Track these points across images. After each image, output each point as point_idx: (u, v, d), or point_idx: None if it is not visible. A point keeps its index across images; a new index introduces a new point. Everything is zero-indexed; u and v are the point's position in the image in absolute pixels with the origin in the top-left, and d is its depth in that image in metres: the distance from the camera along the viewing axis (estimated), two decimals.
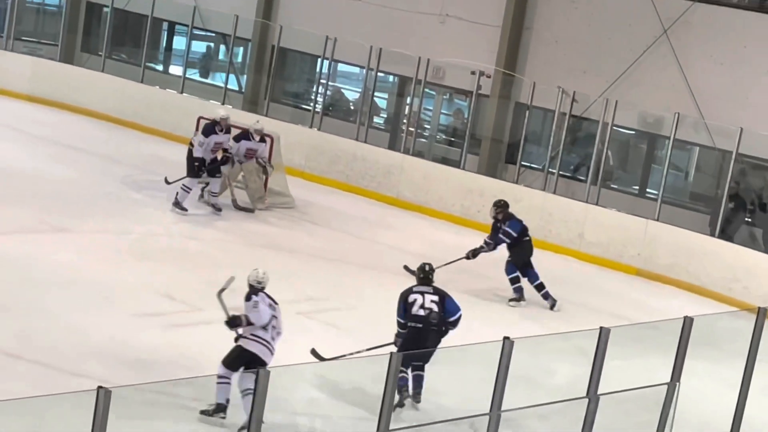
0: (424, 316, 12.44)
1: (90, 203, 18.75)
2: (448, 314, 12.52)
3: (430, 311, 12.44)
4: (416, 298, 12.63)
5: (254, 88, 26.87)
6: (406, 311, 12.57)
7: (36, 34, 30.56)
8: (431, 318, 12.42)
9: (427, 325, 12.43)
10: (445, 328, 12.47)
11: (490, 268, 18.95)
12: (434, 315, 12.44)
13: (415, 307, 12.55)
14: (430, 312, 12.44)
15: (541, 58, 22.98)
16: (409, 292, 12.74)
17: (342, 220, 20.67)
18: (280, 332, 11.72)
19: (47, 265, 15.08)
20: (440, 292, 12.70)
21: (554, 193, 21.23)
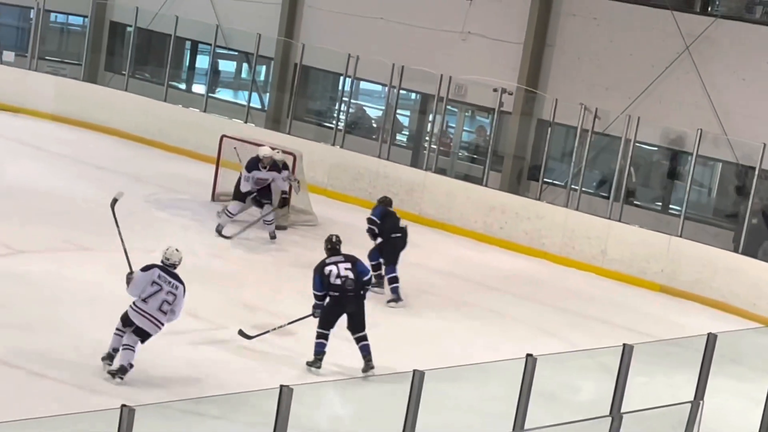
0: (341, 284, 13.58)
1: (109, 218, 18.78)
2: (362, 275, 13.77)
3: (345, 278, 13.59)
4: (331, 269, 13.73)
5: (277, 106, 26.93)
6: (322, 283, 13.71)
7: (60, 54, 30.70)
8: (347, 285, 13.56)
9: (344, 292, 13.58)
10: (363, 292, 13.69)
11: (515, 285, 18.95)
12: (350, 282, 13.59)
13: (332, 278, 13.66)
14: (345, 279, 13.58)
15: (563, 74, 22.97)
16: (323, 265, 13.83)
17: (364, 237, 20.63)
18: (174, 312, 12.49)
19: (71, 284, 15.14)
20: (351, 259, 13.93)
21: (577, 210, 21.19)
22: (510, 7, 23.56)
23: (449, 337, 15.59)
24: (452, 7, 24.23)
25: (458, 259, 20.14)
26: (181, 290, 12.52)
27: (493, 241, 21.41)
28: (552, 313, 17.69)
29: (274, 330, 14.13)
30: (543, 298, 18.47)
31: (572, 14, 22.88)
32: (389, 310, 16.49)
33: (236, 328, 14.37)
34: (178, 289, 12.50)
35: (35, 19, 28.17)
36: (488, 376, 11.31)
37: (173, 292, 12.47)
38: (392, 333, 15.38)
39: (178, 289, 12.50)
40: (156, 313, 12.39)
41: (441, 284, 18.33)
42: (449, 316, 16.68)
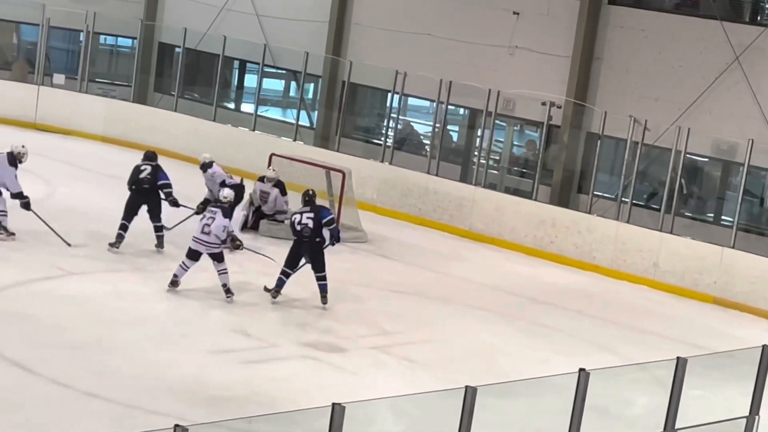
0: (300, 231, 16.20)
1: (166, 241, 18.89)
2: (323, 218, 16.23)
3: (304, 226, 16.13)
4: (296, 217, 16.33)
5: (325, 124, 27.00)
6: (291, 225, 16.44)
7: (109, 76, 30.94)
8: (304, 232, 16.14)
9: (301, 238, 16.22)
10: (319, 239, 16.17)
11: (566, 300, 18.88)
12: (306, 229, 16.14)
13: (295, 225, 16.27)
14: (304, 227, 16.13)
15: (611, 87, 22.88)
16: (293, 214, 16.60)
17: (415, 253, 20.67)
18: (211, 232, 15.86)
19: (124, 304, 15.21)
20: (315, 208, 16.41)
21: (627, 223, 21.08)
22: (557, 20, 23.50)
23: (501, 353, 15.54)
24: (499, 21, 24.21)
25: (509, 274, 20.08)
26: (219, 214, 15.94)
27: (543, 255, 21.33)
28: (604, 326, 17.59)
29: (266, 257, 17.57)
30: (595, 311, 18.38)
31: (620, 27, 22.78)
32: (441, 326, 16.46)
33: (288, 347, 14.40)
34: (216, 214, 15.95)
35: (85, 42, 28.41)
36: (541, 391, 11.24)
37: (213, 216, 15.94)
38: (444, 349, 15.35)
39: (217, 214, 15.94)
40: (200, 235, 15.94)
41: (492, 299, 18.28)
42: (501, 331, 16.62)
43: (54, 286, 15.64)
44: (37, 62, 28.27)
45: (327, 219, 16.28)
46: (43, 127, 27.04)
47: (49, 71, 28.64)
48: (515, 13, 24.03)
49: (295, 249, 16.32)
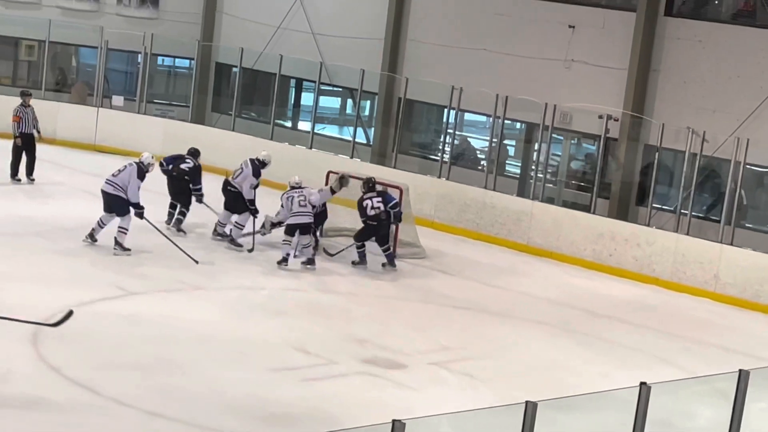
0: (376, 215, 19.10)
1: (225, 260, 19.02)
2: (389, 201, 19.27)
3: (378, 210, 19.12)
4: (368, 203, 19.25)
5: (382, 141, 27.06)
6: (363, 214, 19.19)
7: (167, 97, 31.21)
8: (381, 215, 19.10)
9: (378, 220, 19.12)
10: (392, 218, 19.24)
11: (626, 313, 18.78)
12: (381, 213, 19.13)
13: (368, 210, 19.17)
14: (378, 211, 19.09)
15: (669, 99, 22.77)
16: (362, 200, 19.32)
17: (473, 268, 20.65)
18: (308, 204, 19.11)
19: (185, 324, 15.30)
20: (381, 193, 19.45)
21: (687, 235, 20.94)
22: (613, 33, 23.43)
23: (561, 367, 15.47)
24: (555, 35, 24.18)
25: (568, 288, 20.00)
26: (307, 190, 19.11)
27: (602, 268, 21.24)
28: (665, 339, 17.47)
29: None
30: (655, 324, 18.26)
31: (677, 38, 22.67)
32: (501, 341, 16.43)
33: (347, 363, 14.42)
34: (304, 190, 19.13)
35: (143, 64, 28.68)
36: (602, 405, 11.19)
37: (302, 194, 18.99)
38: (504, 364, 15.32)
39: (304, 189, 19.13)
40: (298, 209, 18.85)
41: (552, 313, 18.22)
42: (561, 344, 16.56)
43: (115, 306, 15.77)
44: (96, 84, 28.56)
45: (393, 203, 19.31)
46: (102, 149, 27.29)
47: (108, 93, 28.93)
48: (571, 27, 23.98)
49: (375, 231, 19.22)
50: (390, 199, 19.39)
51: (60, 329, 13.34)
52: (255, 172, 20.14)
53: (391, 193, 19.69)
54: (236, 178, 20.21)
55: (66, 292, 15.91)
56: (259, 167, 20.25)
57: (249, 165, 20.26)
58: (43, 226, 19.62)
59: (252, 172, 20.11)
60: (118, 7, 30.35)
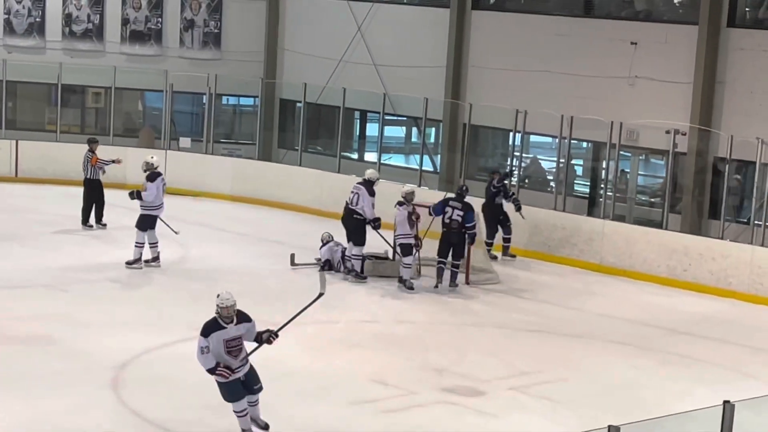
0: (448, 223, 19.55)
1: (297, 296, 19.03)
2: (467, 222, 19.47)
3: (453, 221, 19.48)
4: (449, 210, 19.61)
5: (449, 167, 27.06)
6: (442, 215, 19.65)
7: (233, 135, 31.44)
8: (452, 226, 19.50)
9: (450, 230, 19.53)
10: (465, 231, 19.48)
11: (705, 328, 18.59)
12: (455, 224, 19.47)
13: (446, 217, 19.58)
14: (452, 221, 19.48)
15: (736, 110, 22.57)
16: (446, 202, 19.79)
17: (547, 290, 20.56)
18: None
19: (261, 360, 15.31)
20: (466, 207, 19.61)
21: (762, 246, 20.69)
22: (676, 47, 23.30)
23: (642, 386, 15.34)
24: (617, 52, 24.08)
25: (645, 306, 19.85)
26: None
27: (678, 284, 21.05)
28: (747, 353, 17.27)
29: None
30: (735, 338, 18.06)
31: (740, 48, 22.49)
32: (579, 362, 16.33)
33: (427, 393, 14.40)
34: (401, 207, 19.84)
35: (208, 104, 28.91)
36: (685, 426, 11.08)
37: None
38: (584, 385, 15.22)
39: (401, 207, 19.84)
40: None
41: (630, 332, 18.08)
42: (641, 363, 16.42)
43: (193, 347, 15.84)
44: (163, 127, 28.84)
45: (471, 224, 19.56)
46: (172, 191, 27.36)
47: (174, 135, 29.20)
48: (633, 43, 23.88)
49: (444, 239, 19.62)
50: (470, 218, 19.52)
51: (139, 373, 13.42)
52: (369, 191, 20.46)
53: (474, 213, 19.81)
54: (356, 204, 20.35)
55: (145, 335, 16.04)
56: (370, 185, 20.55)
57: (362, 187, 20.55)
58: (116, 271, 19.81)
59: (368, 193, 20.42)
60: (181, 50, 30.65)
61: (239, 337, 12.45)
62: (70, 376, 14.35)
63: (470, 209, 19.66)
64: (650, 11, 24.63)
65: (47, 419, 12.85)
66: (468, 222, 19.48)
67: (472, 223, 19.54)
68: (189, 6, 30.63)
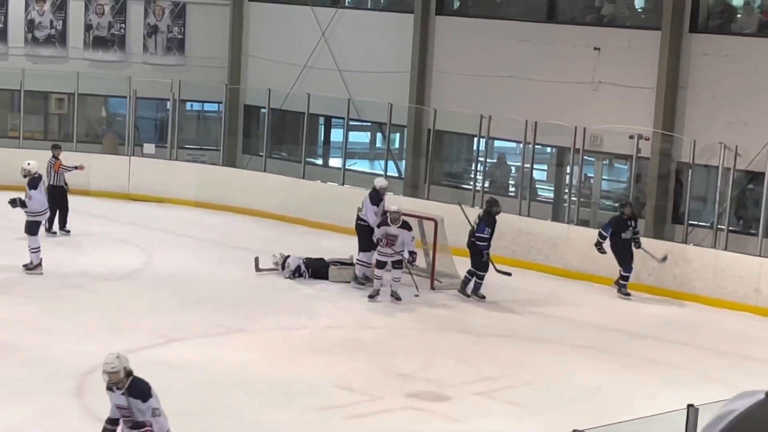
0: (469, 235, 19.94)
1: (262, 301, 19.05)
2: (477, 232, 19.77)
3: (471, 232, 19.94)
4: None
5: (414, 173, 27.07)
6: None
7: (198, 141, 31.35)
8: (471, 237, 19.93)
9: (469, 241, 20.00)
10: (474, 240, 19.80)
11: (669, 332, 18.67)
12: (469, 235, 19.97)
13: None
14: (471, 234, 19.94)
15: (699, 115, 22.69)
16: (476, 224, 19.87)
17: (512, 295, 20.59)
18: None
19: (227, 367, 15.33)
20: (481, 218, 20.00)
21: (726, 250, 20.81)
22: (639, 52, 23.40)
23: (607, 390, 15.40)
24: (581, 58, 24.16)
25: (609, 310, 19.92)
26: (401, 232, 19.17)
27: (642, 288, 21.13)
28: (710, 356, 17.37)
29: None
30: (699, 342, 18.17)
31: (703, 54, 22.62)
32: (544, 367, 16.37)
33: (392, 399, 14.39)
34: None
35: (172, 110, 28.82)
36: (650, 429, 11.13)
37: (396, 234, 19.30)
38: (549, 390, 15.26)
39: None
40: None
41: (594, 336, 18.15)
42: (605, 368, 16.48)
43: (158, 353, 15.81)
44: (126, 133, 28.72)
45: (480, 234, 19.75)
46: (136, 197, 27.44)
47: (138, 141, 29.09)
48: (596, 49, 23.96)
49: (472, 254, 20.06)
50: (480, 228, 19.87)
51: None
52: (373, 199, 20.51)
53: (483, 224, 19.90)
54: (363, 212, 20.59)
55: (110, 342, 15.95)
56: (375, 195, 20.62)
57: (367, 195, 20.75)
58: (81, 278, 19.72)
59: (370, 201, 20.50)
60: (145, 56, 30.55)
61: (128, 408, 10.98)
62: (34, 383, 14.28)
63: (482, 220, 19.98)
64: (613, 17, 24.73)
65: (11, 427, 12.77)
66: (478, 231, 19.78)
67: (481, 233, 19.73)
68: (152, 12, 30.51)
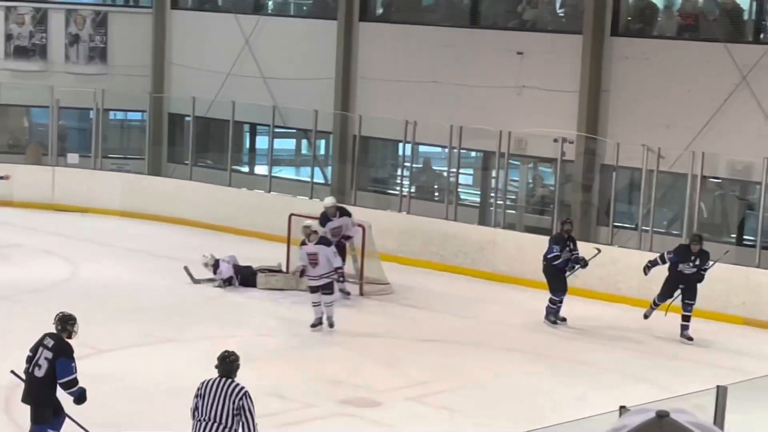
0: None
1: (191, 311, 18.96)
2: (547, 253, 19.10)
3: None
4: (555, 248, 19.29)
5: (340, 179, 27.06)
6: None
7: (122, 150, 31.11)
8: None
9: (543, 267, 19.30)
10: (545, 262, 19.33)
11: (597, 333, 18.81)
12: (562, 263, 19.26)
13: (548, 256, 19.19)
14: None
15: (622, 118, 22.91)
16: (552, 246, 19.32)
17: (441, 300, 20.67)
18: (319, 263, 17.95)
19: (156, 377, 15.23)
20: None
21: (650, 251, 21.01)
22: (562, 56, 23.58)
23: (538, 392, 15.50)
24: (504, 62, 24.29)
25: (537, 312, 20.02)
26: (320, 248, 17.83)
27: (569, 290, 21.26)
28: (638, 357, 17.55)
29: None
30: (626, 343, 18.35)
31: (625, 57, 22.85)
32: (475, 370, 16.44)
33: (324, 406, 14.38)
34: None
35: (95, 119, 28.57)
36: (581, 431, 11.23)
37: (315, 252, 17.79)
38: (480, 394, 15.33)
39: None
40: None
41: (523, 339, 18.26)
42: (535, 370, 16.59)
43: (87, 364, 15.64)
44: (50, 144, 28.45)
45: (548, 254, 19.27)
46: (61, 207, 27.17)
47: (62, 151, 28.82)
48: (519, 53, 24.11)
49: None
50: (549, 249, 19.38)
51: None
52: (321, 222, 20.05)
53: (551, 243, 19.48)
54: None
55: None
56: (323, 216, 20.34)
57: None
58: (7, 289, 19.49)
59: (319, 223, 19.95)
60: (67, 65, 30.26)
61: None
62: None
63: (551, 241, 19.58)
64: (536, 21, 24.90)
65: None
66: (547, 252, 19.30)
67: (550, 252, 19.21)
68: (73, 21, 30.24)
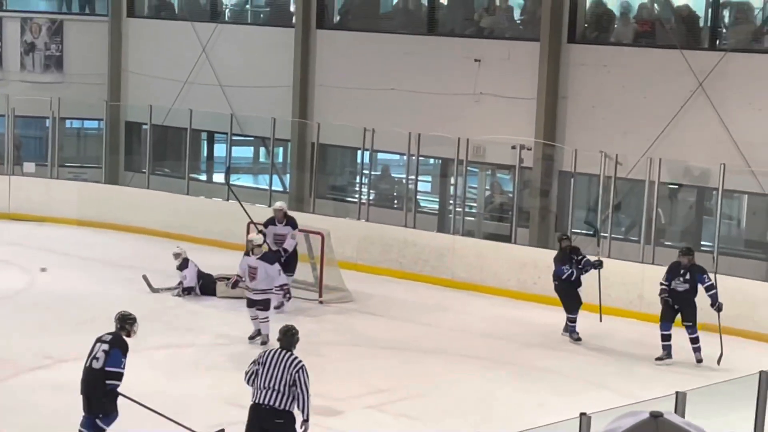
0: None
1: (150, 320, 18.79)
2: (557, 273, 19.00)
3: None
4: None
5: (298, 187, 27.00)
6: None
7: (79, 159, 30.92)
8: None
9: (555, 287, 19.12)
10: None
11: (556, 339, 18.85)
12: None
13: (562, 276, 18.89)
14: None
15: (579, 124, 23.00)
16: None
17: (401, 307, 20.66)
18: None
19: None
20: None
21: (609, 257, 21.08)
22: (519, 64, 23.65)
23: (498, 399, 15.51)
24: (462, 70, 24.33)
25: (497, 319, 20.08)
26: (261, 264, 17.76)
27: (528, 297, 21.34)
28: (598, 363, 17.59)
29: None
30: (587, 349, 18.39)
31: (582, 64, 22.93)
32: (435, 378, 16.43)
33: None
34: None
35: (51, 128, 28.40)
36: None
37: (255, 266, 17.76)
38: (441, 401, 15.31)
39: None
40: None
41: (483, 346, 18.27)
42: (495, 377, 16.61)
43: (45, 375, 15.57)
44: (5, 153, 28.23)
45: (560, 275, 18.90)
46: (17, 217, 26.98)
47: (18, 161, 28.61)
48: (476, 61, 24.15)
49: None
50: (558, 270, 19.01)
51: None
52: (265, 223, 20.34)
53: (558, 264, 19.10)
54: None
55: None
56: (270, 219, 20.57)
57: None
58: None
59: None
60: (22, 74, 30.07)
61: None
62: None
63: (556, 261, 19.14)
64: (492, 29, 24.94)
65: None
66: (557, 272, 18.95)
67: (561, 274, 18.88)
68: (29, 29, 30.06)
